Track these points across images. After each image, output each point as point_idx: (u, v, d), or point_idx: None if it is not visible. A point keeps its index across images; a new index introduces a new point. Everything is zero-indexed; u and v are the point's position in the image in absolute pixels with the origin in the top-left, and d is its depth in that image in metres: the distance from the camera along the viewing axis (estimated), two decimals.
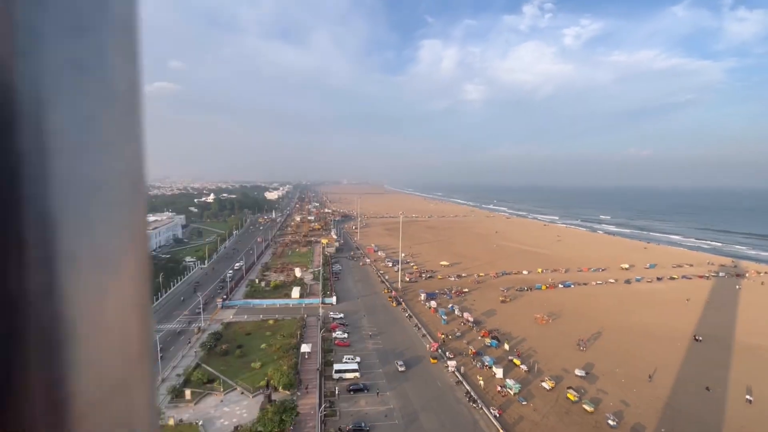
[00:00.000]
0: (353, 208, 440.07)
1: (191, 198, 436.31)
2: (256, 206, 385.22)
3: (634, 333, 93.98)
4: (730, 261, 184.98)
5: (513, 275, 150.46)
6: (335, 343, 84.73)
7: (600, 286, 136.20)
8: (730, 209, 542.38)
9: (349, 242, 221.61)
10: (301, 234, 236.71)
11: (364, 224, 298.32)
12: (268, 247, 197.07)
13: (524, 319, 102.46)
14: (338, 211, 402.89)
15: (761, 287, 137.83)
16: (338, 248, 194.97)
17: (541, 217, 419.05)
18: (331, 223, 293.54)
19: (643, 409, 62.60)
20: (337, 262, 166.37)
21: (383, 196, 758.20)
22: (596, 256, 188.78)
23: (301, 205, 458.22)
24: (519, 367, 75.49)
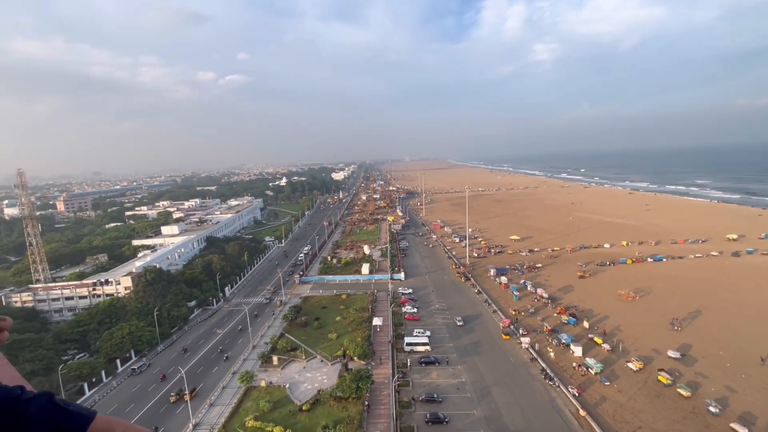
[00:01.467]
0: (417, 185, 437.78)
1: (266, 182, 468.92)
2: (324, 187, 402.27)
3: (743, 312, 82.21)
4: None
5: (593, 249, 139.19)
6: (405, 318, 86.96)
7: (699, 260, 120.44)
8: None
9: (414, 219, 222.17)
10: (368, 212, 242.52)
11: (428, 200, 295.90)
12: (338, 226, 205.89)
13: (606, 295, 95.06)
14: (402, 188, 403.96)
15: None
16: (404, 225, 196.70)
17: (626, 185, 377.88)
18: (396, 201, 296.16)
19: (754, 397, 55.26)
20: (403, 239, 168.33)
21: (447, 171, 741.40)
22: (695, 226, 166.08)
23: (366, 184, 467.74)
24: (601, 345, 70.81)
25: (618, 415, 52.71)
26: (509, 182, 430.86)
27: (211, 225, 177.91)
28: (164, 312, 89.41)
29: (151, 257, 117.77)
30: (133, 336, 77.80)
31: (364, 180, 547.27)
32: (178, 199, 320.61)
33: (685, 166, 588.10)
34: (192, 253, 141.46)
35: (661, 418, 51.77)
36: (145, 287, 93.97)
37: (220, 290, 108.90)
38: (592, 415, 52.42)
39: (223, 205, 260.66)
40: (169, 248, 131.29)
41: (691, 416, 51.94)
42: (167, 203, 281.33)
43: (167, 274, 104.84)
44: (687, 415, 52.10)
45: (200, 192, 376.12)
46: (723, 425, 49.82)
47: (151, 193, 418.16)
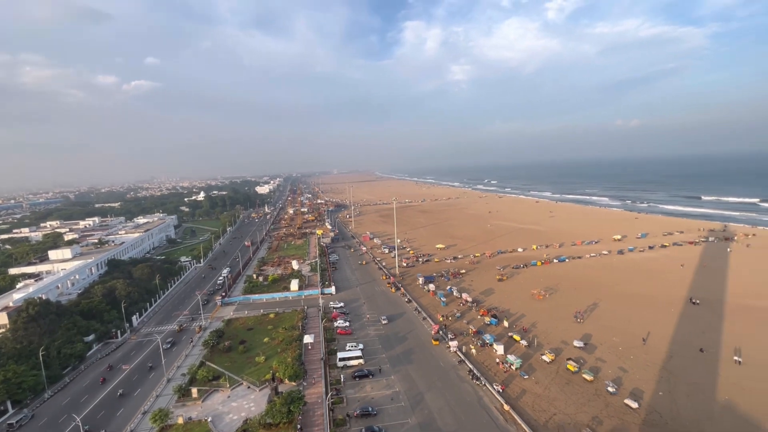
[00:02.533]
0: (346, 197, 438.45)
1: (181, 197, 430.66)
2: (248, 201, 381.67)
3: (629, 301, 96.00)
4: (720, 225, 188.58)
5: (508, 253, 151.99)
6: (337, 332, 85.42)
7: (594, 259, 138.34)
8: (718, 175, 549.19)
9: (344, 231, 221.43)
10: (296, 226, 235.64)
11: (357, 212, 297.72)
12: (264, 242, 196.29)
13: (522, 295, 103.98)
14: (331, 200, 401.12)
15: (747, 249, 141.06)
16: (334, 238, 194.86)
17: (533, 194, 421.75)
18: (324, 214, 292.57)
19: (641, 374, 64.42)
20: (333, 252, 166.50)
21: (375, 183, 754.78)
22: (589, 229, 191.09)
23: (293, 198, 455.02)
24: (519, 342, 76.93)
25: (536, 405, 57.38)
26: (433, 193, 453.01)
27: (113, 246, 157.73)
28: (53, 351, 76.26)
29: (35, 287, 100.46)
30: (8, 384, 64.76)
31: (291, 193, 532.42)
32: (71, 218, 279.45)
33: (579, 177, 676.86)
34: (90, 279, 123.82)
35: (571, 403, 57.56)
36: (26, 323, 79.46)
37: (125, 320, 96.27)
38: (514, 408, 56.32)
39: (128, 224, 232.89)
40: (59, 276, 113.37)
41: (595, 397, 58.61)
42: (56, 223, 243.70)
43: (57, 305, 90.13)
44: (591, 397, 58.67)
45: (100, 210, 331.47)
46: (619, 402, 57.04)
47: (35, 212, 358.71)
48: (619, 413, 54.71)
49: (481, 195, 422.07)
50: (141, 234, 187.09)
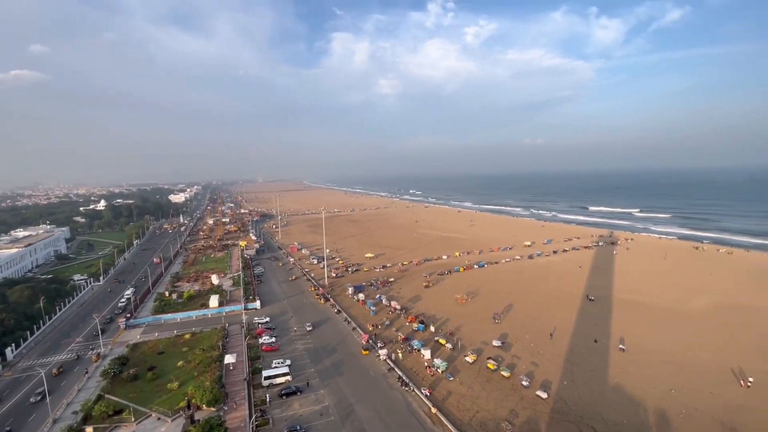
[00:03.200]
0: (272, 207, 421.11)
1: (76, 206, 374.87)
2: (159, 211, 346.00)
3: (539, 301, 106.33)
4: (607, 232, 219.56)
5: (434, 261, 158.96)
6: (263, 349, 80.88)
7: (509, 263, 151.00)
8: (605, 188, 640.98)
9: (270, 242, 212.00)
10: (216, 237, 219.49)
11: (284, 223, 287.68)
12: (178, 256, 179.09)
13: (447, 300, 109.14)
14: (256, 210, 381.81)
15: (627, 252, 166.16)
16: (259, 250, 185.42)
17: (455, 204, 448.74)
18: (248, 224, 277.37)
19: (549, 367, 71.49)
20: (258, 264, 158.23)
21: (303, 193, 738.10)
22: (504, 237, 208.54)
23: (213, 207, 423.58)
24: (445, 346, 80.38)
25: (461, 405, 60.25)
26: (362, 203, 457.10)
27: None
28: None
29: None
30: None
31: (211, 202, 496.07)
32: None
33: (495, 188, 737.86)
34: None
35: (492, 399, 61.53)
36: None
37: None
38: (441, 410, 58.44)
39: (3, 238, 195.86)
40: None
41: (512, 392, 63.43)
42: None
43: None
44: (509, 392, 63.38)
45: None
46: (531, 394, 62.45)
47: None
48: (532, 404, 59.87)
49: (408, 205, 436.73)
50: (20, 250, 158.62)
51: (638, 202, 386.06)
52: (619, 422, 55.29)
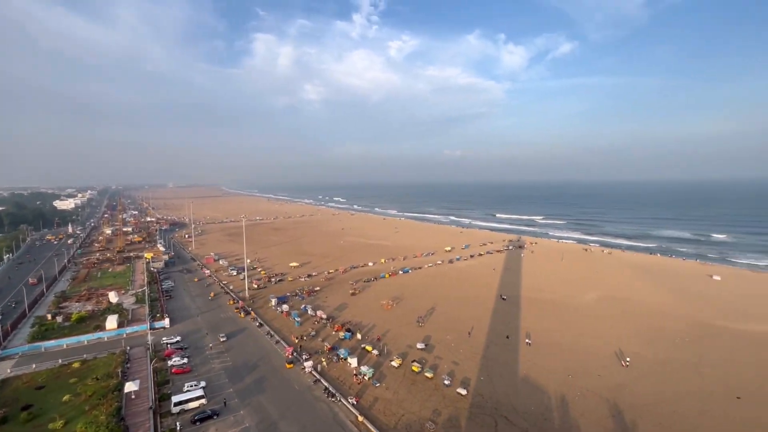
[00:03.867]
0: (185, 214, 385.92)
1: None
2: (41, 219, 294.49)
3: (458, 303, 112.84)
4: (516, 237, 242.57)
5: (360, 268, 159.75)
6: (172, 372, 73.05)
7: (431, 268, 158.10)
8: (517, 197, 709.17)
9: (182, 254, 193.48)
10: (115, 249, 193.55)
11: (199, 232, 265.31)
12: (65, 271, 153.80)
13: (373, 307, 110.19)
14: (165, 218, 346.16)
15: (532, 255, 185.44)
16: (168, 262, 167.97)
17: (381, 212, 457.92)
18: (156, 234, 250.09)
19: (468, 365, 76.06)
20: (167, 278, 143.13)
21: (222, 199, 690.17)
22: (426, 243, 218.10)
23: (112, 215, 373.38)
24: (371, 352, 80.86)
25: (388, 410, 60.96)
26: (287, 211, 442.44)
27: None
28: None
29: None
30: None
31: (110, 210, 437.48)
32: None
33: (418, 196, 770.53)
34: None
35: (416, 401, 63.33)
36: None
37: None
38: (368, 417, 58.45)
39: None
40: None
41: (435, 392, 66.04)
42: None
43: None
44: (432, 393, 65.89)
45: None
46: (452, 392, 65.71)
47: None
48: (453, 402, 62.99)
49: (335, 212, 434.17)
50: None
51: (541, 210, 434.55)
52: (527, 410, 60.81)
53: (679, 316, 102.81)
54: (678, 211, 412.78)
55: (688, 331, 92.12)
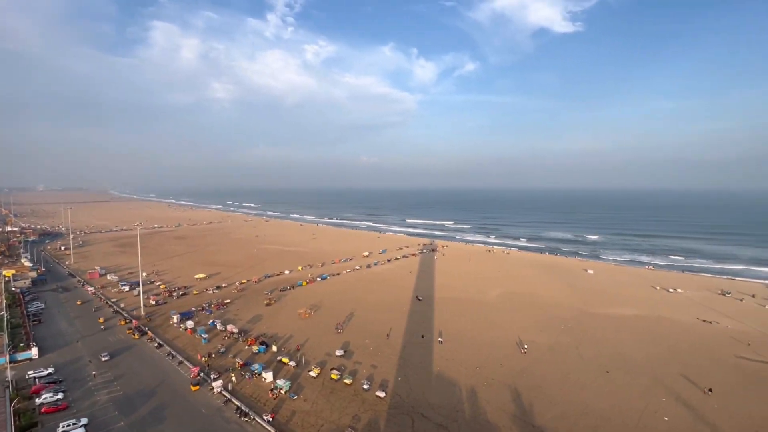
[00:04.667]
0: (61, 222, 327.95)
1: None
2: None
3: (376, 307, 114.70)
4: (429, 241, 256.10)
5: (276, 276, 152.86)
6: (42, 412, 61.00)
7: (349, 274, 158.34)
8: (430, 203, 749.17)
9: (57, 269, 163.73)
10: None
11: (80, 243, 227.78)
12: None
13: (290, 316, 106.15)
14: (33, 227, 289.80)
15: (444, 257, 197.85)
16: (36, 279, 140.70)
17: (298, 218, 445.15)
18: (19, 246, 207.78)
19: (386, 367, 77.61)
20: (36, 299, 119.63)
21: (110, 205, 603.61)
22: (345, 249, 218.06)
23: None
24: (288, 364, 77.64)
25: (306, 423, 58.98)
26: (192, 217, 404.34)
27: None
28: None
29: None
30: None
31: None
32: None
33: (336, 202, 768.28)
34: None
35: (336, 409, 62.45)
36: None
37: None
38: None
39: None
40: None
41: (354, 398, 65.93)
42: None
43: None
44: (352, 399, 65.67)
45: None
46: (371, 396, 66.34)
47: None
48: (373, 405, 63.59)
49: (247, 219, 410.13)
50: None
51: (452, 216, 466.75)
52: (441, 404, 64.19)
53: (564, 305, 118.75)
54: (562, 215, 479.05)
55: (570, 318, 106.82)
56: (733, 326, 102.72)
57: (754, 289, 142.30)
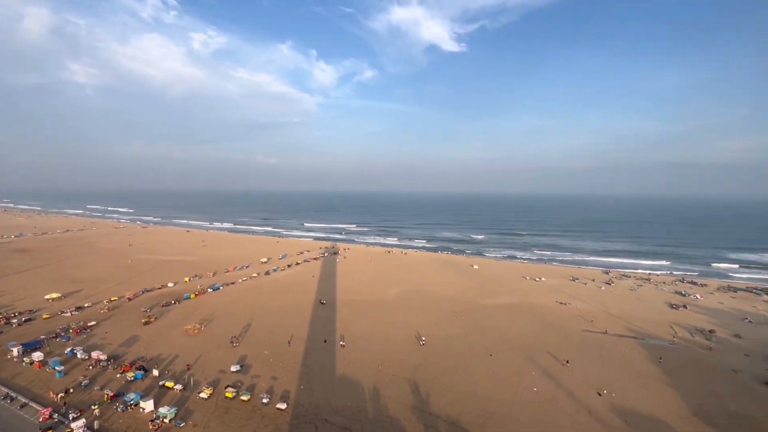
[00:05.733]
0: None
1: None
2: None
3: (277, 314, 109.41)
4: (331, 244, 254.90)
5: (156, 291, 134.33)
6: None
7: (246, 282, 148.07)
8: (333, 206, 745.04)
9: None
10: None
11: None
12: None
13: (175, 334, 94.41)
14: None
15: (345, 260, 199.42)
16: None
17: (184, 223, 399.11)
18: None
19: (288, 376, 74.49)
20: None
21: None
22: (241, 255, 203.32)
23: None
24: (173, 388, 68.85)
25: None
26: (41, 225, 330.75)
27: None
28: None
29: None
30: None
31: None
32: None
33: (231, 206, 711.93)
34: None
35: (232, 429, 57.50)
36: None
37: None
38: None
39: None
40: None
41: (252, 414, 61.64)
42: None
43: None
44: (250, 416, 61.26)
45: None
46: (272, 409, 62.91)
47: None
48: (273, 419, 60.32)
49: (118, 225, 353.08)
50: None
51: (354, 219, 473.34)
52: (345, 407, 64.23)
53: (455, 299, 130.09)
54: (454, 217, 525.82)
55: (460, 310, 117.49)
56: (581, 306, 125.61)
57: (594, 275, 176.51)
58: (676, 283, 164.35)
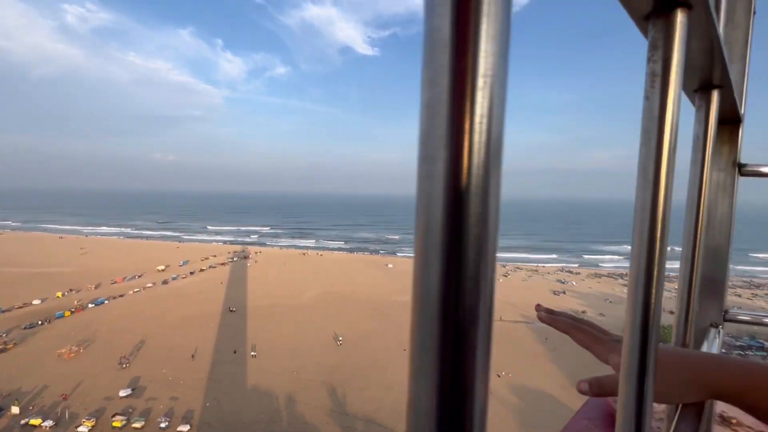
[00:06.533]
0: None
1: None
2: None
3: (177, 328, 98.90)
4: (241, 248, 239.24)
5: (17, 310, 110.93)
6: None
7: (138, 293, 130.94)
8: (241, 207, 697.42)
9: None
10: None
11: None
12: None
13: (44, 361, 79.27)
14: None
15: (257, 264, 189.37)
16: None
17: (54, 228, 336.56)
18: None
19: (192, 395, 67.89)
20: None
21: None
22: (131, 264, 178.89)
23: None
24: (41, 426, 57.72)
25: None
26: None
27: None
28: None
29: None
30: None
31: None
32: None
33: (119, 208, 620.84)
34: None
35: None
36: None
37: None
38: None
39: None
40: None
41: None
42: None
43: None
44: None
45: None
46: None
47: None
48: None
49: None
50: None
51: (266, 220, 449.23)
52: (258, 419, 60.94)
53: (372, 297, 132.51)
54: (369, 218, 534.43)
55: (376, 308, 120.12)
56: None
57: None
58: (558, 272, 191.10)
